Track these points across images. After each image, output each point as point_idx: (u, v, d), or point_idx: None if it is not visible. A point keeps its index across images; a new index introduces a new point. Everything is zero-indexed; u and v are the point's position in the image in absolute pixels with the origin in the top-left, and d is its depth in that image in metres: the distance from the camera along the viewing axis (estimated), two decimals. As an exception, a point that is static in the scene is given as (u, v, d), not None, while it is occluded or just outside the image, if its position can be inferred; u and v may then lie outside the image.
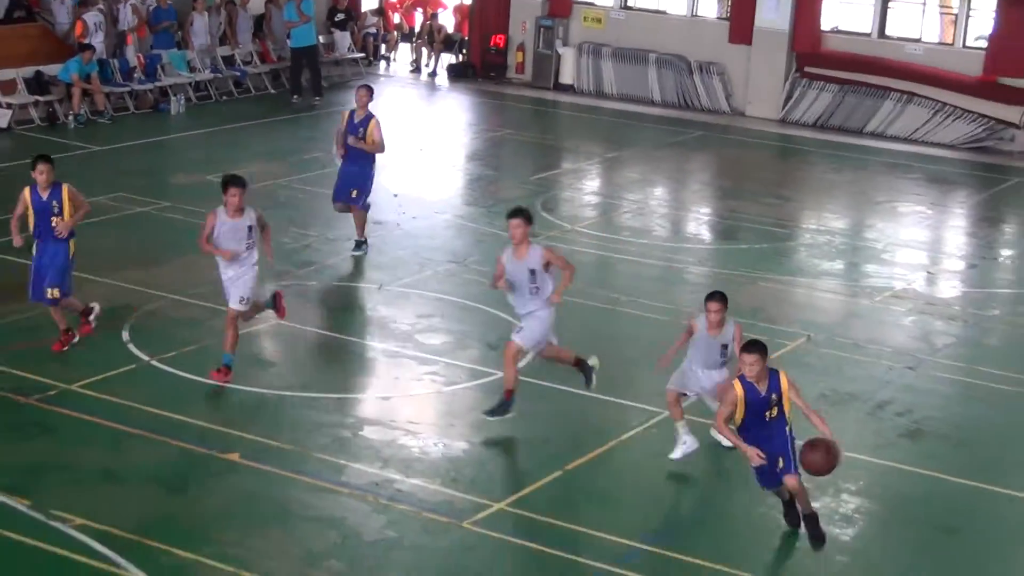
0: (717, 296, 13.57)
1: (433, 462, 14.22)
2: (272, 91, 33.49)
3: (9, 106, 28.13)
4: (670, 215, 25.85)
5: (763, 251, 22.62)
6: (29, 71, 28.96)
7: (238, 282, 15.42)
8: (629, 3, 34.84)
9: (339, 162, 20.60)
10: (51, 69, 29.11)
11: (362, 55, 37.26)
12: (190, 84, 31.96)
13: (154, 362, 16.15)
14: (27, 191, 15.72)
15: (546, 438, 15.04)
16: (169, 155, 27.55)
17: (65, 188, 15.85)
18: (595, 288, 19.88)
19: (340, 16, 36.04)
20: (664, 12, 34.66)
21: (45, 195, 15.68)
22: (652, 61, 33.90)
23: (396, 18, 40.23)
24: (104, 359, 16.23)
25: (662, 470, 14.38)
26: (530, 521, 12.94)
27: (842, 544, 13.00)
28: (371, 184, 20.55)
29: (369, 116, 20.26)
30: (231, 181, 15.41)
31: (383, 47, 38.88)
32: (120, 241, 21.18)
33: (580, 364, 15.12)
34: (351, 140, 20.15)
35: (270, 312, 16.46)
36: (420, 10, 39.29)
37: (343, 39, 36.10)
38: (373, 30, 38.60)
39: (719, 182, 28.42)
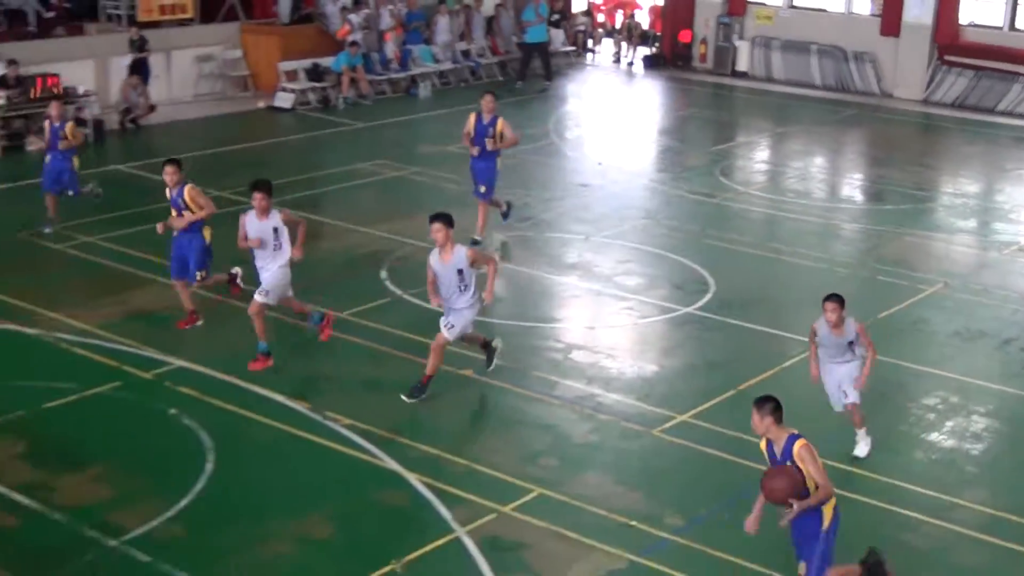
0: (834, 297, 11.60)
1: (629, 381, 14.19)
2: (500, 78, 33.54)
3: (292, 91, 28.76)
4: (827, 180, 25.22)
5: (906, 211, 21.92)
6: (308, 63, 29.50)
7: (263, 275, 13.82)
8: (795, 3, 33.96)
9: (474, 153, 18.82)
10: (325, 61, 29.61)
11: (573, 48, 37.09)
12: (435, 73, 32.19)
13: (405, 296, 16.39)
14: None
15: (722, 362, 14.86)
16: (418, 130, 27.81)
17: (187, 189, 14.52)
18: (763, 240, 19.61)
19: (556, 16, 35.83)
20: (824, 10, 33.60)
21: (173, 193, 14.56)
22: (813, 51, 32.97)
23: (600, 17, 39.95)
24: (367, 293, 16.54)
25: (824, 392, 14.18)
26: (709, 431, 12.83)
27: (972, 457, 12.65)
28: (495, 178, 18.74)
29: (495, 117, 18.40)
30: (255, 186, 13.67)
31: (590, 42, 38.65)
32: (380, 199, 21.57)
33: (486, 346, 13.82)
34: (489, 145, 18.37)
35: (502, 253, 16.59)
36: (620, 11, 39.03)
37: (558, 36, 35.91)
38: (582, 28, 38.39)
39: (870, 152, 27.58)
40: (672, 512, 11.25)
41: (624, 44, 37.54)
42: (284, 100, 28.65)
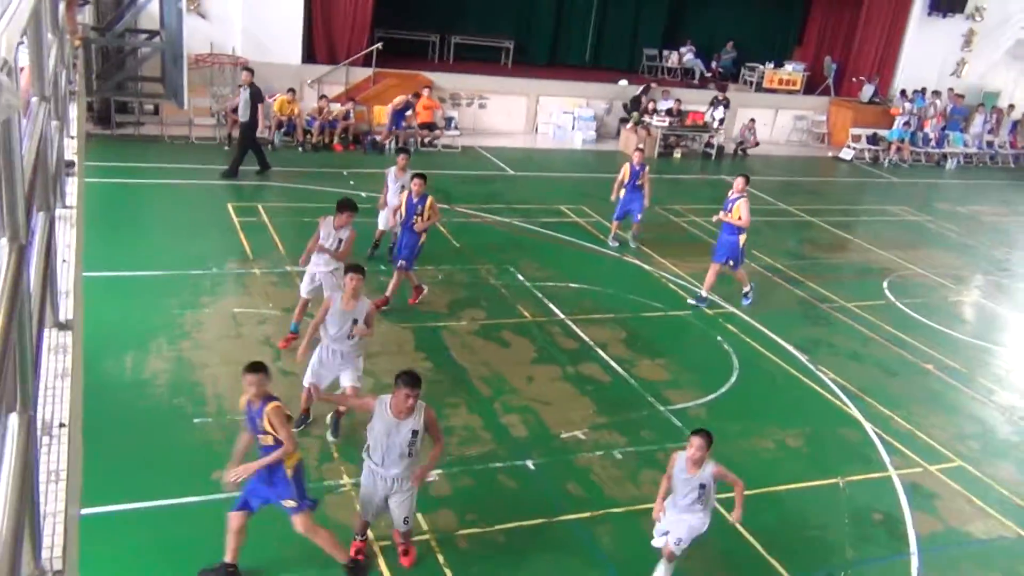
0: (702, 433, 7.11)
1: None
2: (1012, 166, 29.60)
3: (854, 149, 27.20)
4: None
5: None
6: (870, 131, 27.75)
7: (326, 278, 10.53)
8: None
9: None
10: (883, 131, 27.69)
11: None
12: (962, 154, 29.02)
13: (897, 303, 15.06)
14: (405, 195, 12.23)
15: None
16: (938, 192, 25.19)
17: (429, 199, 11.97)
18: None
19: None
20: None
21: (416, 199, 11.92)
22: None
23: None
24: (870, 294, 15.30)
25: None
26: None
27: None
28: (739, 249, 13.70)
29: (738, 198, 13.39)
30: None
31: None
32: (895, 232, 19.81)
33: (340, 415, 9.20)
34: (724, 216, 13.60)
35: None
36: None
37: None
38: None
39: None
40: (1064, 510, 9.59)
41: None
42: (846, 154, 27.19)
